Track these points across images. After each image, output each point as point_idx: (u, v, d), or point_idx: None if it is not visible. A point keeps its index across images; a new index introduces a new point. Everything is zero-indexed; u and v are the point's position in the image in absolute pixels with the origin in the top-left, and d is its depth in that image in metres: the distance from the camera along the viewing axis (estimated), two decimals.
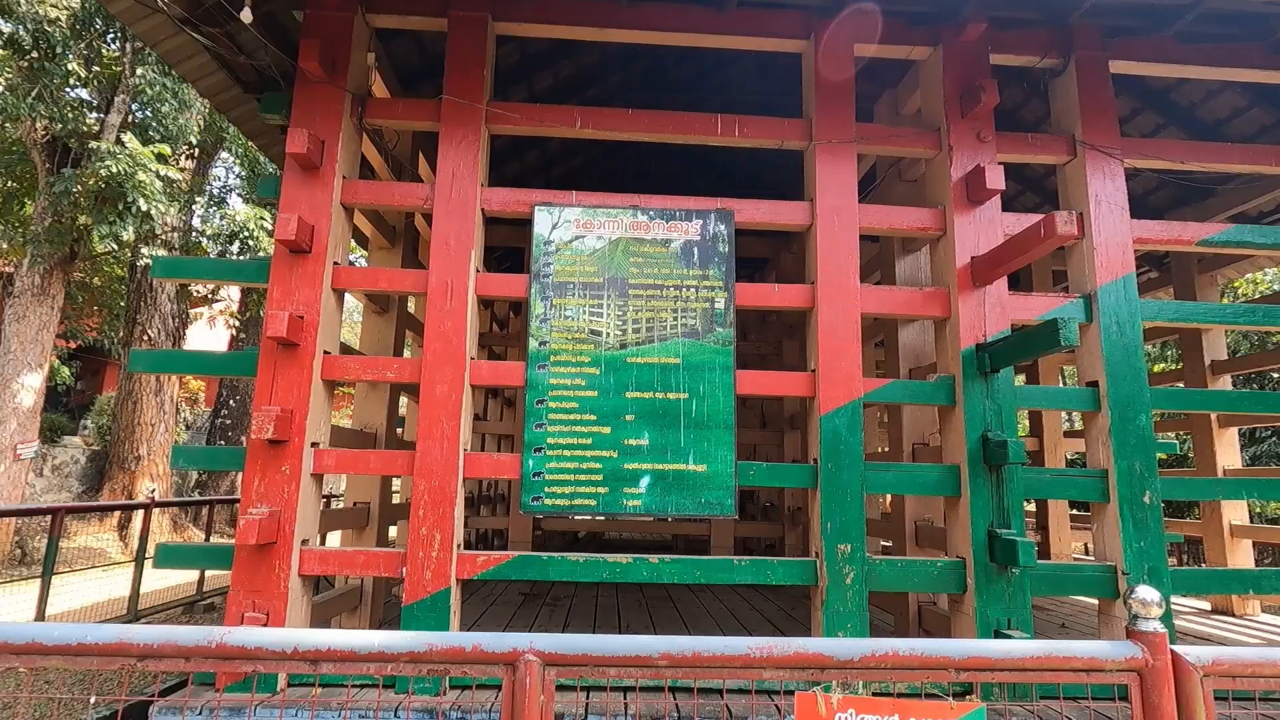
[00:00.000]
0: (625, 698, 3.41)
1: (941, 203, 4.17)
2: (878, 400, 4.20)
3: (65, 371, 16.12)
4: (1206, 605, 6.59)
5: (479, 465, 3.81)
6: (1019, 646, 1.44)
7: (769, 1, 4.18)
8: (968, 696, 1.47)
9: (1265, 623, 5.87)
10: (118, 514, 10.67)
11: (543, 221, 4.02)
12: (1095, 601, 4.08)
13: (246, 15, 3.46)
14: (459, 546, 3.66)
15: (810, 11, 4.20)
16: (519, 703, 1.33)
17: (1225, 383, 6.72)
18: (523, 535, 7.43)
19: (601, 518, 9.90)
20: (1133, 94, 5.86)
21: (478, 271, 3.94)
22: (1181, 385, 7.02)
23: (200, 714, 3.20)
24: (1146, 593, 1.48)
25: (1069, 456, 8.79)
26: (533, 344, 3.89)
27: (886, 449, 5.72)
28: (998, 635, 3.60)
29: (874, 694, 1.53)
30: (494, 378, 4.07)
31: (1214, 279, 6.97)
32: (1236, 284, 10.05)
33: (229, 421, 13.52)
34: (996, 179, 3.94)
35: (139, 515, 10.64)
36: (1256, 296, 9.83)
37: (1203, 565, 7.40)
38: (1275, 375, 10.60)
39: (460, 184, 3.96)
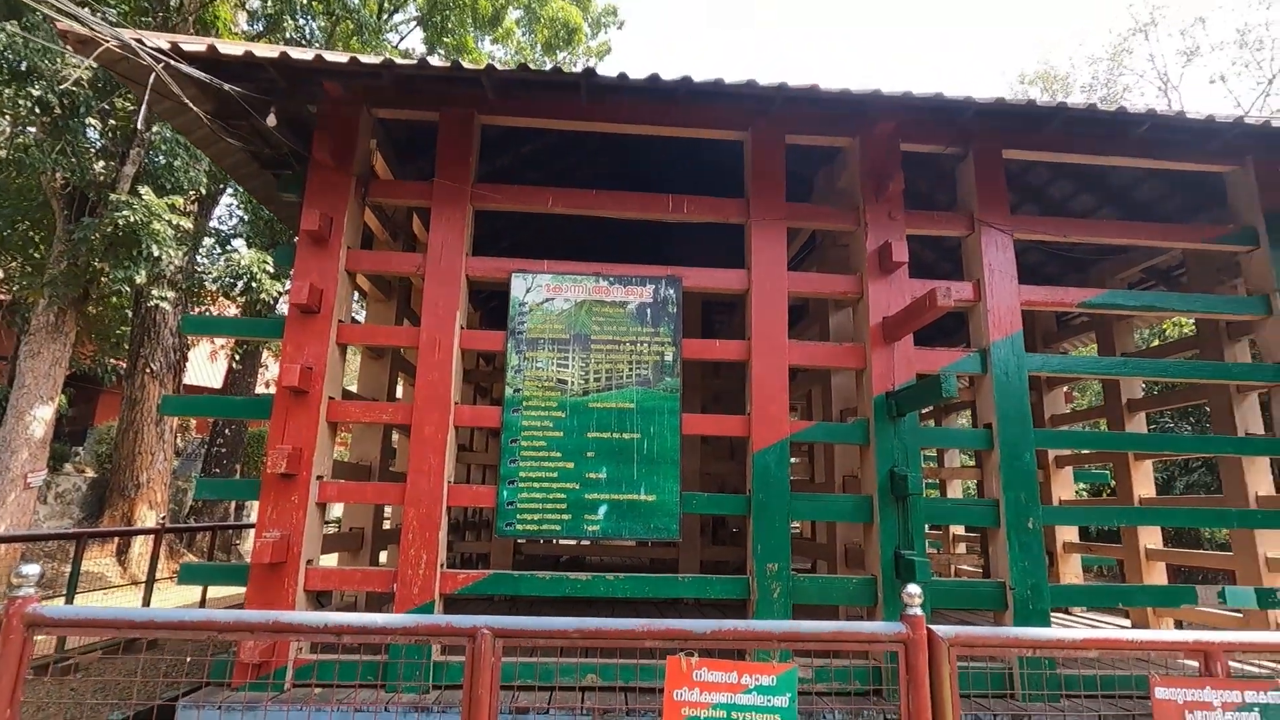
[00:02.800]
0: (582, 697, 4.02)
1: (859, 270, 4.90)
2: (804, 440, 4.88)
3: (62, 399, 16.54)
4: (1127, 622, 7.23)
5: (460, 495, 4.45)
6: (820, 626, 2.09)
7: (712, 97, 4.90)
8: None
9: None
10: (116, 540, 11.13)
11: (518, 286, 4.72)
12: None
13: (271, 120, 4.18)
14: (443, 565, 4.28)
15: (747, 108, 4.96)
16: (478, 663, 1.97)
17: (1140, 419, 7.45)
18: (504, 559, 8.02)
19: (587, 543, 10.50)
20: (1072, 178, 6.62)
21: (462, 329, 4.62)
22: (1105, 422, 7.77)
23: (220, 708, 3.78)
24: (912, 588, 2.14)
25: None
26: (508, 391, 4.55)
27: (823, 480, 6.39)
28: None
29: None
30: (475, 419, 4.72)
31: (1130, 325, 7.75)
32: (1165, 326, 10.89)
33: (224, 450, 14.02)
34: (901, 253, 4.68)
35: (137, 541, 11.15)
36: (1172, 340, 10.58)
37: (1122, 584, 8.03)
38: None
39: (448, 254, 4.66)
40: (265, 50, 3.90)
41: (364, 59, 3.99)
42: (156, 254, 8.49)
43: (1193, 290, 6.45)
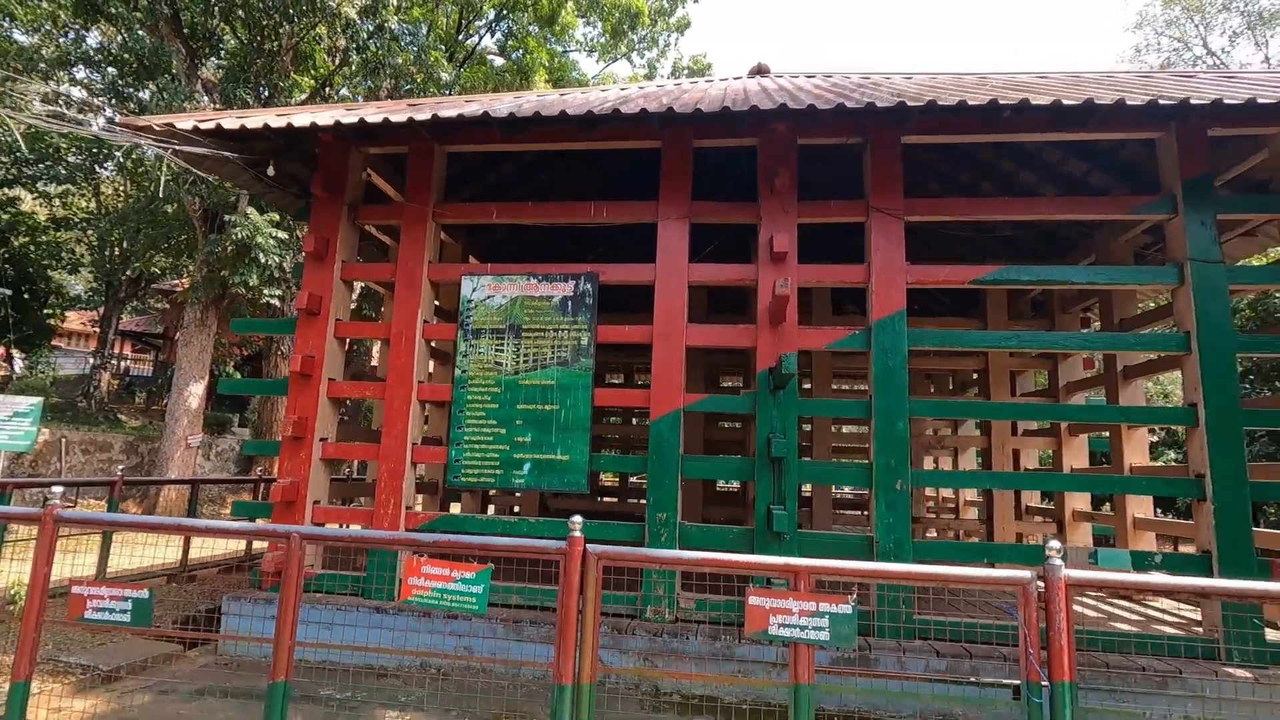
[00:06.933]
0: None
1: (754, 259, 5.48)
2: (697, 410, 5.60)
3: (237, 375, 20.10)
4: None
5: (422, 454, 5.67)
6: (507, 541, 3.00)
7: (626, 120, 5.63)
8: None
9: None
10: (261, 486, 13.80)
11: (467, 286, 5.81)
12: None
13: (270, 170, 5.53)
14: (407, 507, 5.54)
15: (658, 121, 5.63)
16: (290, 557, 3.11)
17: (1136, 385, 7.27)
18: (530, 510, 9.37)
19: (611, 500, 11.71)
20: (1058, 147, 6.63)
21: (424, 323, 5.80)
22: (1103, 389, 7.61)
23: (251, 602, 5.29)
24: (575, 518, 2.98)
25: None
26: (457, 372, 5.69)
27: None
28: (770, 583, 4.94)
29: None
30: (433, 395, 5.91)
31: (1131, 294, 7.49)
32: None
33: (346, 417, 16.58)
34: (783, 244, 5.23)
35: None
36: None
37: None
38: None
39: (413, 263, 5.83)
40: (254, 121, 5.21)
41: (321, 118, 5.17)
42: (264, 261, 10.53)
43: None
